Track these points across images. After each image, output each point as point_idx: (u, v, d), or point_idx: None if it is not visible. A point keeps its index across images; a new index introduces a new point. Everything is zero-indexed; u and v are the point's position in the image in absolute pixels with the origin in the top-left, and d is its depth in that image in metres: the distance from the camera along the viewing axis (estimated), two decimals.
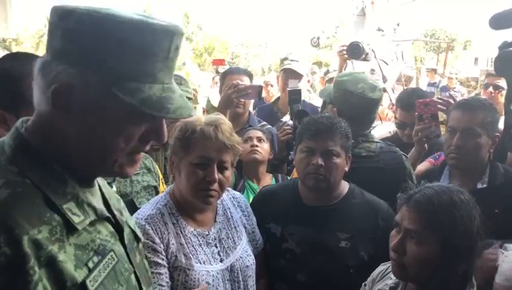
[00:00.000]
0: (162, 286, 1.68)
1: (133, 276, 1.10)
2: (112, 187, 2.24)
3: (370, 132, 2.43)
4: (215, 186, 1.77)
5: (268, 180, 2.76)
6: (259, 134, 2.77)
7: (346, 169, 2.07)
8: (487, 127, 2.16)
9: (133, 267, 1.12)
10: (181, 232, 1.79)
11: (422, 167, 2.67)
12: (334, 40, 14.17)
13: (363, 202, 2.07)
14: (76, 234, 0.95)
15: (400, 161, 2.34)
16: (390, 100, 4.87)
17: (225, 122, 1.83)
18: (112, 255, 1.03)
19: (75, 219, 0.96)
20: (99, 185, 1.13)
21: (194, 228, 1.82)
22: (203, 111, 5.56)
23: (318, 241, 2.02)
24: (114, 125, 0.96)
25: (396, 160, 2.33)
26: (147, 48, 0.93)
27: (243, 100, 2.92)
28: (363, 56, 3.43)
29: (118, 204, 1.20)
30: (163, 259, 1.71)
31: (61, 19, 0.92)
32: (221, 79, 3.09)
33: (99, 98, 0.93)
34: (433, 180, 2.29)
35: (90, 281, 0.93)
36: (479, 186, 2.20)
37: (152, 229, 1.73)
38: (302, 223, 2.06)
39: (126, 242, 1.12)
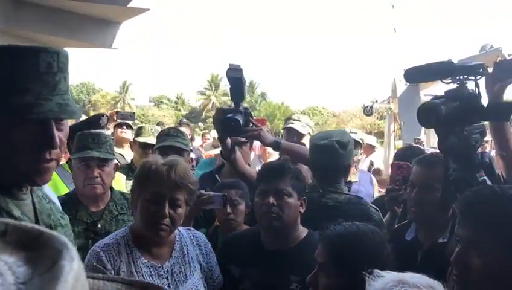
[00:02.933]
0: None
1: None
2: (97, 225, 2.49)
3: (341, 184, 2.52)
4: (166, 221, 1.94)
5: None
6: (233, 195, 2.64)
7: (302, 210, 2.18)
8: None
9: None
10: (133, 262, 1.96)
11: None
12: (387, 109, 14.20)
13: None
14: None
15: (366, 213, 2.39)
16: None
17: (181, 163, 2.02)
18: None
19: None
20: (33, 202, 1.36)
21: (147, 260, 1.98)
22: None
23: (271, 284, 2.11)
24: (2, 135, 1.19)
25: (362, 212, 2.38)
26: (12, 65, 1.18)
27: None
28: None
29: (48, 219, 1.41)
30: None
31: None
32: None
33: None
34: (399, 234, 2.37)
35: None
36: (440, 240, 2.21)
37: (105, 256, 1.92)
38: (259, 266, 2.17)
39: None
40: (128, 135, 4.77)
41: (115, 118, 4.82)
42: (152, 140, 3.30)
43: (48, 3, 6.84)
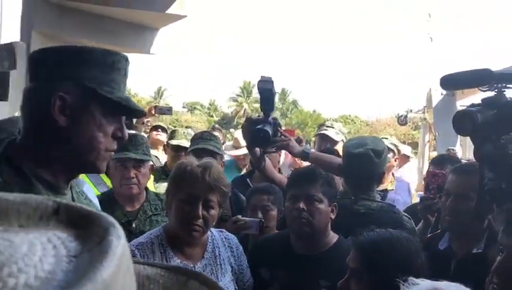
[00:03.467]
0: None
1: None
2: (131, 224, 2.55)
3: (374, 191, 2.51)
4: (199, 222, 1.98)
5: None
6: (265, 201, 2.67)
7: (332, 216, 2.18)
8: None
9: None
10: (166, 261, 2.00)
11: None
12: (422, 119, 13.96)
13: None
14: None
15: (399, 221, 2.37)
16: None
17: (215, 166, 2.06)
18: None
19: None
20: (73, 197, 1.42)
21: (180, 260, 2.02)
22: None
23: (300, 288, 2.12)
24: (95, 123, 1.28)
25: (395, 220, 2.36)
26: (112, 64, 1.29)
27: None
28: None
29: None
30: None
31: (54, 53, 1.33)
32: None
33: (83, 101, 1.27)
34: (433, 244, 2.34)
35: None
36: (474, 250, 2.17)
37: (140, 254, 1.96)
38: (288, 270, 2.18)
39: None
40: (163, 137, 4.86)
41: (153, 112, 4.92)
42: (185, 143, 3.36)
43: (90, 9, 7.06)
